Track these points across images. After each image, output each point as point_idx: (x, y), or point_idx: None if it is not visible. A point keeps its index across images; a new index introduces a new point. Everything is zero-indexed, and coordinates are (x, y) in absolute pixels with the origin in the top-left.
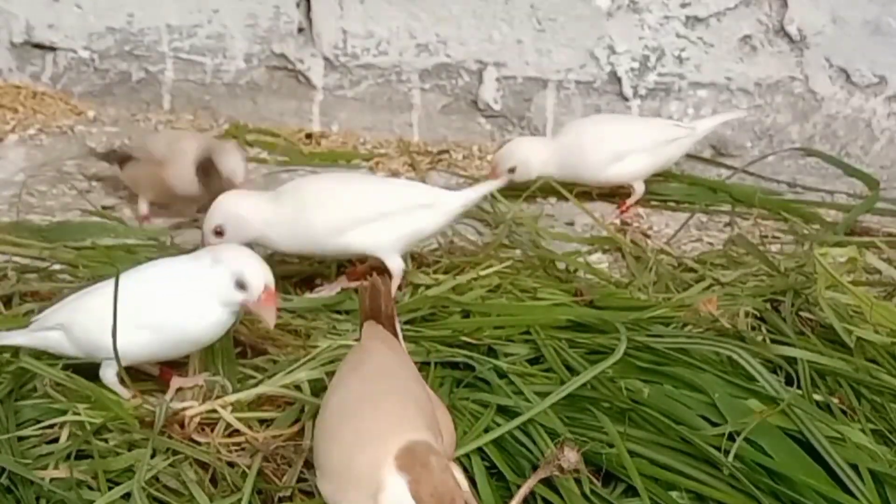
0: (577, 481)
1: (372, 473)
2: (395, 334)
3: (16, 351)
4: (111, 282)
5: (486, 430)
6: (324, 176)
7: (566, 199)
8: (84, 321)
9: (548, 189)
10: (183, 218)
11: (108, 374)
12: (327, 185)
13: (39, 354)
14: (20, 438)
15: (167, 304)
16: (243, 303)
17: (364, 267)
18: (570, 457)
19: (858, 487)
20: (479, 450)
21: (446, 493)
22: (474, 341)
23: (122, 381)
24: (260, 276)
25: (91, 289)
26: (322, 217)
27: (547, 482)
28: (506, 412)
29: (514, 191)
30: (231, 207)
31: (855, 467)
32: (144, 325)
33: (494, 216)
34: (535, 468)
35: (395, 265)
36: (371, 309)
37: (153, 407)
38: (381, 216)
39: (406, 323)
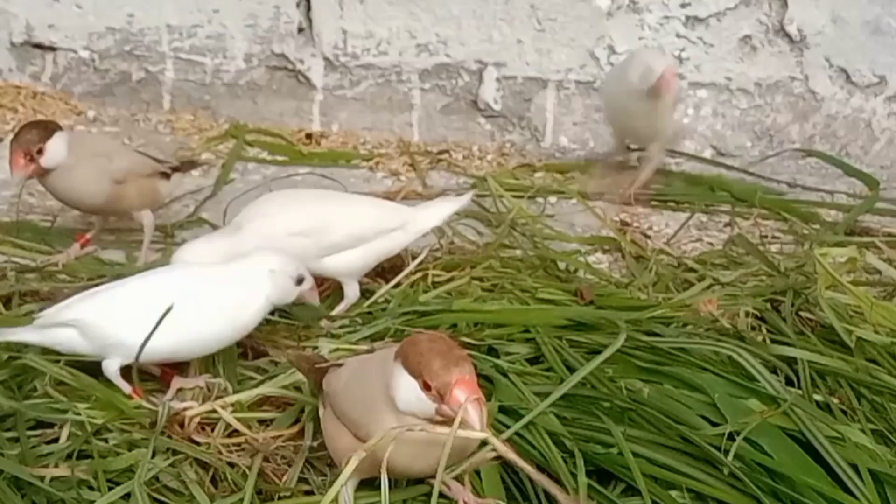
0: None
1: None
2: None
3: (19, 349)
4: (136, 278)
5: None
6: (301, 196)
7: (567, 199)
8: (109, 317)
9: (548, 189)
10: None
11: (112, 367)
12: (308, 209)
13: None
14: (20, 439)
15: (209, 306)
16: (300, 295)
17: None
18: None
19: (858, 487)
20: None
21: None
22: (475, 342)
23: (125, 378)
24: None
25: (114, 284)
26: (304, 243)
27: (553, 478)
28: (506, 411)
29: (515, 190)
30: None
31: (855, 467)
32: (180, 324)
33: (496, 216)
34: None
35: (353, 293)
36: (311, 370)
37: (154, 406)
38: (356, 242)
39: (406, 324)
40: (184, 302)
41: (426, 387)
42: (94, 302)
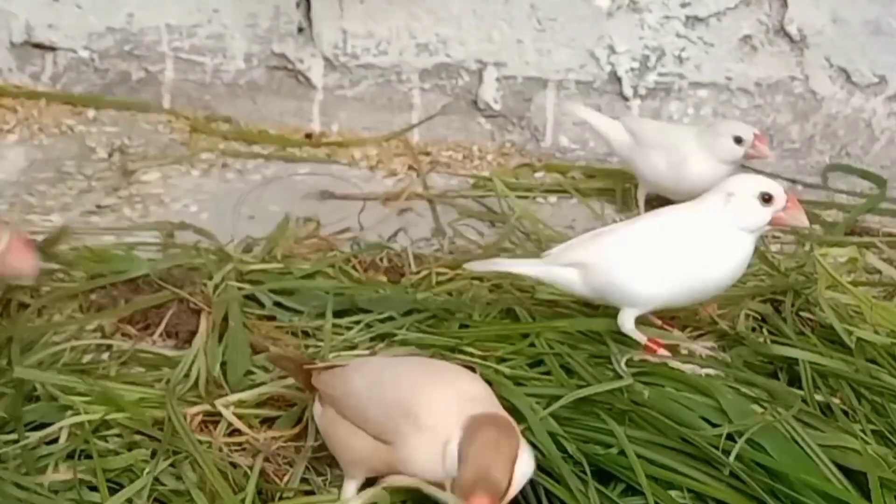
0: (579, 478)
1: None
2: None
3: (9, 360)
4: (630, 223)
5: None
6: None
7: (567, 199)
8: (605, 263)
9: (549, 188)
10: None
11: (628, 322)
12: None
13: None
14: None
15: (697, 248)
16: (774, 216)
17: None
18: None
19: (857, 487)
20: None
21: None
22: (478, 352)
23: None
24: (775, 183)
25: (608, 229)
26: None
27: (553, 478)
28: (508, 412)
29: (517, 189)
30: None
31: (855, 470)
32: (671, 269)
33: (498, 216)
34: None
35: None
36: (297, 371)
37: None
38: None
39: (404, 327)
40: (687, 247)
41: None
42: (595, 245)
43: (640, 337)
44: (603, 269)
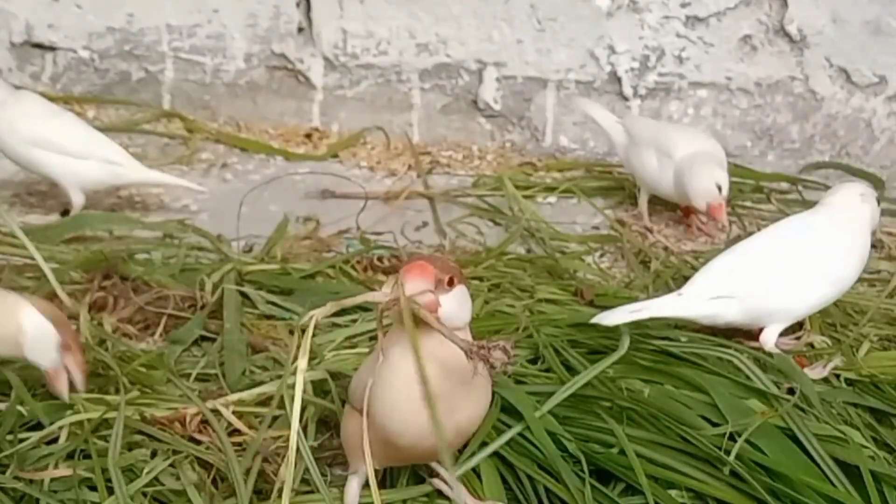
0: (579, 477)
1: None
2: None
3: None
4: (762, 241)
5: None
6: None
7: (567, 199)
8: (762, 288)
9: (548, 188)
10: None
11: (774, 335)
12: None
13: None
14: (20, 440)
15: (844, 248)
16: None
17: None
18: (498, 356)
19: (856, 486)
20: (483, 444)
21: None
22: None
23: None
24: None
25: (747, 251)
26: None
27: (553, 477)
28: (507, 410)
29: (520, 189)
30: None
31: (855, 467)
32: (831, 279)
33: (509, 217)
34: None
35: None
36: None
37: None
38: None
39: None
40: (824, 251)
41: None
42: (748, 273)
43: (783, 354)
44: (762, 294)
